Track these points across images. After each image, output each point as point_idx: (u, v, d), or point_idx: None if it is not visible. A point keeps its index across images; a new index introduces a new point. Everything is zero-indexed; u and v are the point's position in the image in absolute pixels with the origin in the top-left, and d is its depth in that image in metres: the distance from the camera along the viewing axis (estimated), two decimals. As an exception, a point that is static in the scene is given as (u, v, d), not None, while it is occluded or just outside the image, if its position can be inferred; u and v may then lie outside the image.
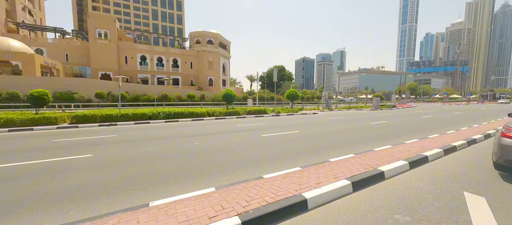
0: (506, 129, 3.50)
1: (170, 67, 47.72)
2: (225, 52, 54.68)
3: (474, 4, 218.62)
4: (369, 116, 16.50)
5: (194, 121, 14.00)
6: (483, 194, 2.93)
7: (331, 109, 25.24)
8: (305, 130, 9.42)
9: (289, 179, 3.28)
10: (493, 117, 14.77)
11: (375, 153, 4.71)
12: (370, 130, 9.45)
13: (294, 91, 21.48)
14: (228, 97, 17.50)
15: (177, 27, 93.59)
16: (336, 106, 30.11)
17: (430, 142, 5.85)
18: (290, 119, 14.97)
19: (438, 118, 15.11)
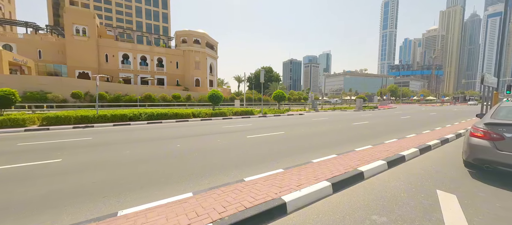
0: (474, 129, 3.67)
1: (154, 67, 46.15)
2: (212, 52, 53.97)
3: (447, 13, 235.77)
4: (353, 117, 17.03)
5: (179, 122, 13.57)
6: (454, 192, 3.06)
7: (317, 110, 25.76)
8: (291, 131, 9.47)
9: (270, 181, 3.21)
10: (463, 118, 15.89)
11: (356, 153, 4.80)
12: (353, 130, 9.72)
13: (281, 92, 21.65)
14: (214, 98, 17.19)
15: (162, 25, 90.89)
16: (321, 107, 30.83)
17: (407, 142, 6.10)
18: (277, 120, 15.02)
19: (415, 118, 15.95)
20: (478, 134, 3.52)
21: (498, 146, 3.27)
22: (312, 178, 3.26)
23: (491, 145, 3.32)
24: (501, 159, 3.18)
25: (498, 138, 3.29)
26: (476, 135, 3.55)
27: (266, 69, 66.77)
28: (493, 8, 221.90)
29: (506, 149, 3.20)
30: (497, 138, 3.30)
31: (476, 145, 3.47)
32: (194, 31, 48.63)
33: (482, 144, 3.41)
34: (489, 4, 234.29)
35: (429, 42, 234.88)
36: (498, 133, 3.31)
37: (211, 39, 53.56)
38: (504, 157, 3.16)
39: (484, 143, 3.40)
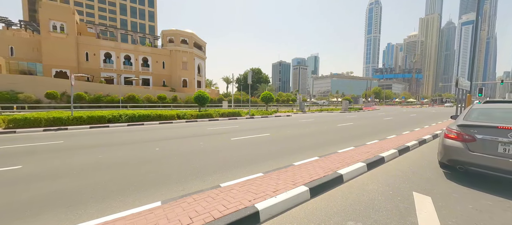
0: (448, 131, 3.73)
1: (139, 67, 44.53)
2: (200, 53, 53.14)
3: (426, 20, 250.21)
4: (338, 118, 17.35)
5: (162, 124, 13.05)
6: (429, 194, 3.07)
7: (304, 112, 26.05)
8: (276, 133, 9.39)
9: (247, 187, 3.05)
10: (440, 119, 16.73)
11: (338, 156, 4.78)
12: (338, 132, 9.83)
13: (269, 94, 21.65)
14: (200, 99, 16.79)
15: (148, 24, 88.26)
16: (309, 108, 31.26)
17: (388, 143, 6.22)
18: (264, 121, 14.93)
19: (397, 120, 16.55)
20: (452, 136, 3.59)
21: (470, 147, 3.33)
22: (290, 182, 3.14)
23: (463, 146, 3.38)
24: (473, 160, 3.24)
25: (470, 139, 3.35)
26: (450, 136, 3.62)
27: (255, 71, 66.88)
28: (466, 16, 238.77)
29: (477, 150, 3.25)
30: (469, 139, 3.36)
31: (449, 146, 3.54)
32: (182, 30, 47.62)
33: (455, 146, 3.47)
34: (463, 13, 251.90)
35: (410, 47, 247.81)
36: (470, 134, 3.38)
37: (199, 39, 52.74)
38: (475, 158, 3.22)
39: (457, 144, 3.46)
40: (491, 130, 3.21)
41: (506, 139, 3.04)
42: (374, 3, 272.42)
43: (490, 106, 4.10)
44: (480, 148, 3.24)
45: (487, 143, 3.19)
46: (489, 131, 3.22)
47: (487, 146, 3.18)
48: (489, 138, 3.17)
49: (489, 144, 3.17)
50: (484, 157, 3.15)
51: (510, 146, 3.01)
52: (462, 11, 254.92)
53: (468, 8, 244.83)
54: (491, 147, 3.15)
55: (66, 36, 37.27)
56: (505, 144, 3.05)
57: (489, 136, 3.18)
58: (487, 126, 3.27)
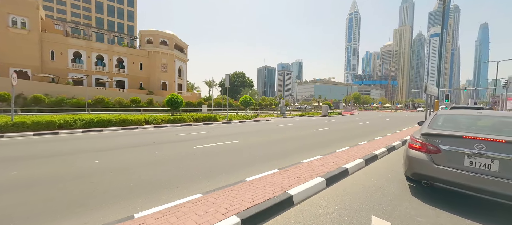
0: (412, 140, 3.28)
1: (113, 67, 41.71)
2: (181, 55, 51.42)
3: (399, 31, 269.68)
4: (316, 123, 17.23)
5: (125, 130, 11.79)
6: (390, 217, 2.60)
7: (285, 116, 25.84)
8: (246, 140, 8.75)
9: (167, 217, 2.34)
10: (412, 123, 17.30)
11: (300, 168, 4.24)
12: (311, 138, 9.44)
13: (248, 98, 21.07)
14: (173, 103, 15.68)
15: (127, 24, 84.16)
16: (290, 113, 31.21)
17: (357, 151, 5.86)
18: (239, 126, 14.24)
19: (372, 124, 16.82)
20: (415, 146, 3.16)
21: (435, 159, 2.89)
22: (223, 209, 2.48)
23: (428, 158, 2.95)
24: (438, 174, 2.81)
25: (435, 150, 2.93)
26: (414, 146, 3.18)
27: (239, 75, 66.34)
28: (433, 29, 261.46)
29: (442, 163, 2.82)
30: (433, 150, 2.94)
31: (413, 158, 3.11)
32: (161, 31, 45.72)
33: (419, 157, 3.03)
34: (431, 26, 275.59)
35: (386, 55, 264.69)
36: (434, 145, 2.95)
37: (180, 41, 51.09)
38: (440, 172, 2.79)
39: (421, 156, 3.02)
40: (456, 140, 2.81)
41: (472, 151, 2.64)
42: (353, 14, 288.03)
43: (456, 112, 3.73)
44: (446, 161, 2.81)
45: (453, 155, 2.77)
46: (454, 141, 2.82)
47: (453, 158, 2.77)
48: (455, 149, 2.77)
49: (454, 156, 2.76)
50: (449, 172, 2.73)
51: (476, 159, 2.60)
52: (430, 24, 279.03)
53: (435, 21, 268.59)
54: (457, 160, 2.74)
55: (27, 32, 33.79)
56: (472, 156, 2.64)
57: (455, 147, 2.78)
58: (452, 135, 2.87)
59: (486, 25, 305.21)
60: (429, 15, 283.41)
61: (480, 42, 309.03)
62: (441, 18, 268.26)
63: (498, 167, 2.47)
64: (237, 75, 66.43)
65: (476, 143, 2.63)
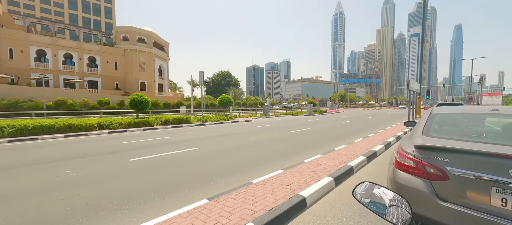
0: (400, 155, 1.98)
1: (84, 67, 38.42)
2: (162, 54, 48.77)
3: (382, 31, 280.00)
4: (298, 123, 16.18)
5: (69, 137, 9.93)
6: None
7: (268, 116, 24.71)
8: (207, 146, 7.37)
9: None
10: (395, 121, 16.78)
11: (248, 191, 2.96)
12: (284, 141, 8.25)
13: (227, 97, 19.62)
14: (137, 104, 13.89)
15: (104, 21, 79.31)
16: (274, 112, 30.14)
17: (330, 160, 4.70)
18: (211, 129, 12.81)
19: (355, 123, 16.08)
20: (406, 166, 1.86)
21: (439, 191, 1.64)
22: None
23: (427, 188, 1.69)
24: (444, 218, 1.57)
25: (439, 176, 1.66)
26: (404, 166, 1.88)
27: (224, 74, 64.51)
28: (413, 29, 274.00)
29: (453, 198, 1.58)
30: (436, 175, 1.67)
31: (403, 186, 1.81)
32: (138, 28, 42.90)
33: (412, 186, 1.76)
34: (410, 26, 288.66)
35: (370, 54, 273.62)
36: (437, 166, 1.68)
37: (160, 38, 48.42)
38: (449, 215, 1.55)
39: (416, 184, 1.75)
40: (474, 158, 1.55)
41: (506, 180, 1.39)
42: (338, 14, 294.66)
43: (458, 109, 2.59)
44: (457, 196, 1.57)
45: (470, 186, 1.52)
46: (470, 160, 1.56)
47: (471, 192, 1.52)
48: (473, 175, 1.51)
49: (474, 187, 1.51)
50: (465, 215, 1.49)
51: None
52: (410, 24, 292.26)
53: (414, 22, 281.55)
54: (478, 195, 1.49)
55: (-21, 27, 29.95)
56: (506, 190, 1.39)
57: (473, 171, 1.52)
58: (466, 150, 1.60)
59: (460, 26, 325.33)
60: (409, 16, 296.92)
61: (454, 42, 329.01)
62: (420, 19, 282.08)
63: None
64: (222, 74, 64.52)
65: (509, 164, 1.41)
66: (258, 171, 4.47)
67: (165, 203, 3.04)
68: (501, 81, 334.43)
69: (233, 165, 5.04)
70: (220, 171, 4.57)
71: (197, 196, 3.20)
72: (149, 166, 5.01)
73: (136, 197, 3.26)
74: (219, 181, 3.96)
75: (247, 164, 5.09)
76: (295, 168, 4.20)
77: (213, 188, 3.59)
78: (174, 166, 5.00)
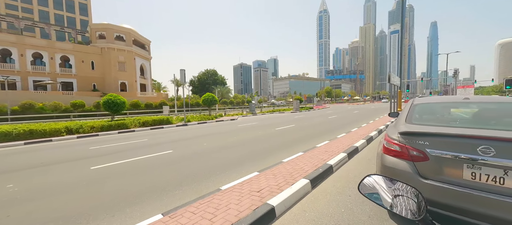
0: (387, 141, 2.24)
1: (56, 67, 35.70)
2: (143, 52, 46.62)
3: (364, 29, 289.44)
4: (284, 120, 15.98)
5: (30, 144, 8.91)
6: None
7: (255, 114, 24.36)
8: (184, 148, 6.86)
9: None
10: (377, 115, 17.11)
11: (213, 201, 2.56)
12: (267, 140, 7.92)
13: (211, 96, 18.95)
14: (111, 105, 12.89)
15: (80, 18, 74.33)
16: (261, 110, 29.84)
17: (309, 159, 4.43)
18: (193, 130, 12.21)
19: (340, 118, 16.19)
20: (392, 150, 2.13)
21: (421, 170, 1.91)
22: None
23: (411, 169, 1.95)
24: (425, 193, 1.74)
25: (420, 157, 1.92)
26: (390, 151, 2.15)
27: (210, 72, 63.11)
28: (393, 26, 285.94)
29: (432, 176, 1.84)
30: (418, 157, 1.94)
31: (391, 169, 2.08)
32: (116, 25, 40.57)
33: (399, 168, 2.02)
34: (391, 23, 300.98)
35: (354, 51, 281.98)
36: (418, 148, 1.95)
37: (141, 36, 46.23)
38: (430, 191, 1.78)
39: (401, 166, 2.01)
40: (450, 141, 1.82)
41: (476, 157, 1.67)
42: (323, 12, 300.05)
43: (437, 100, 2.83)
44: (436, 173, 1.84)
45: (446, 164, 1.81)
46: (446, 142, 1.83)
47: (447, 169, 1.81)
48: (449, 154, 1.79)
49: (449, 166, 1.80)
50: (442, 189, 1.75)
51: (482, 170, 1.66)
52: (390, 22, 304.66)
53: (394, 19, 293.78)
54: (453, 172, 1.78)
55: None
56: (475, 165, 1.68)
57: (449, 151, 1.79)
58: (443, 134, 1.87)
59: (435, 23, 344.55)
60: (389, 13, 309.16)
61: (431, 38, 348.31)
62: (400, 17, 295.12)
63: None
64: (208, 72, 63.04)
65: (481, 145, 1.68)
66: (232, 174, 4.07)
67: (113, 223, 2.55)
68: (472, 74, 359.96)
69: (206, 168, 4.60)
70: (190, 176, 4.12)
71: (153, 210, 2.74)
72: (110, 175, 4.44)
73: (78, 217, 2.73)
74: (187, 188, 3.52)
75: (222, 167, 4.67)
76: (271, 169, 3.85)
77: (176, 198, 3.15)
78: (139, 173, 4.47)
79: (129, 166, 5.06)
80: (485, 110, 2.45)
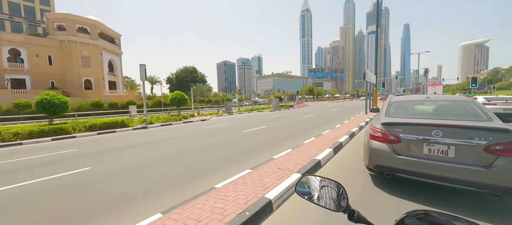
0: (372, 130, 3.06)
1: (4, 62, 31.01)
2: (112, 47, 42.69)
3: (344, 29, 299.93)
4: (258, 120, 14.87)
5: None
6: None
7: (231, 113, 23.00)
8: (112, 163, 5.37)
9: None
10: (353, 114, 16.69)
11: None
12: (223, 148, 6.67)
13: (180, 95, 17.16)
14: (47, 107, 10.69)
15: (39, 8, 66.34)
16: (239, 109, 28.52)
17: (256, 179, 3.30)
18: (150, 134, 10.57)
19: (316, 116, 15.50)
20: (377, 136, 2.95)
21: (396, 149, 2.76)
22: None
23: (389, 149, 2.80)
24: (400, 165, 2.68)
25: (395, 140, 2.78)
26: (375, 137, 2.98)
27: (189, 69, 60.13)
28: (371, 27, 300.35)
29: (404, 152, 2.71)
30: (394, 140, 2.79)
31: (375, 149, 2.91)
32: (78, 16, 36.39)
33: (381, 149, 2.85)
34: (369, 24, 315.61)
35: (335, 50, 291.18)
36: (394, 134, 2.80)
37: (109, 29, 42.26)
38: (402, 163, 2.66)
39: (383, 147, 2.85)
40: (415, 128, 2.70)
41: (430, 138, 2.55)
42: (305, 11, 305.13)
43: (406, 98, 3.62)
44: (406, 150, 2.70)
45: (413, 144, 2.67)
46: (412, 129, 2.71)
47: (413, 147, 2.67)
48: (414, 137, 2.66)
49: (414, 144, 2.66)
50: (410, 161, 2.62)
51: (435, 146, 2.53)
52: (368, 23, 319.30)
53: (372, 20, 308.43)
54: (416, 148, 2.64)
55: None
56: (430, 143, 2.56)
57: (414, 135, 2.67)
58: (411, 123, 2.76)
59: (408, 25, 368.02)
60: (367, 15, 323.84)
61: (404, 40, 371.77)
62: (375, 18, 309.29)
63: (454, 152, 2.45)
64: (187, 69, 60.00)
65: (433, 130, 2.56)
66: (137, 208, 2.75)
67: None
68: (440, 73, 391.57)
69: (106, 200, 3.21)
70: (82, 212, 2.72)
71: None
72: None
73: None
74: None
75: (130, 196, 3.32)
76: (191, 204, 2.60)
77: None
78: (39, 202, 2.95)
79: (25, 193, 3.48)
80: (440, 106, 3.29)
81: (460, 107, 3.07)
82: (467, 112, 2.87)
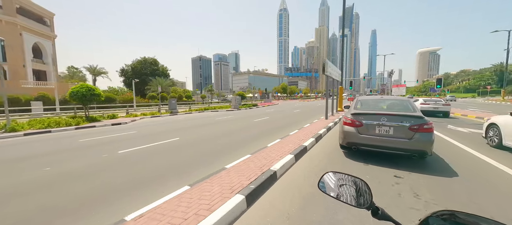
0: (345, 119, 4.64)
1: None
2: (39, 27, 34.38)
3: (319, 30, 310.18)
4: (201, 122, 10.98)
5: None
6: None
7: (175, 113, 18.65)
8: None
9: None
10: (317, 116, 13.85)
11: None
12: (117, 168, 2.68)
13: (85, 89, 12.25)
14: None
15: None
16: (189, 107, 24.16)
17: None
18: None
19: (272, 120, 12.31)
20: (348, 122, 4.50)
21: (359, 130, 4.33)
22: None
23: (355, 130, 4.36)
24: (362, 140, 4.28)
25: (359, 124, 4.35)
26: (346, 123, 4.53)
27: (149, 61, 52.94)
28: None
29: (364, 132, 4.29)
30: (358, 125, 4.36)
31: (347, 131, 4.46)
32: (-18, -18, 27.71)
33: (350, 130, 4.41)
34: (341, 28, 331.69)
35: (310, 51, 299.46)
36: (359, 120, 4.37)
37: (35, 5, 33.95)
38: (363, 139, 4.27)
39: (351, 129, 4.40)
40: (371, 116, 4.31)
41: (379, 122, 4.17)
42: (283, 10, 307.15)
43: (367, 97, 5.52)
44: (365, 131, 4.28)
45: (369, 126, 4.26)
46: (370, 117, 4.32)
47: (369, 129, 4.26)
48: (370, 122, 4.26)
49: (370, 127, 4.25)
50: (368, 138, 4.22)
51: (382, 127, 4.15)
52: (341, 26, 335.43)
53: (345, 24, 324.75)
54: (372, 129, 4.24)
55: None
56: (380, 126, 4.17)
57: (370, 121, 4.27)
58: (369, 113, 4.40)
59: (375, 31, 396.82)
60: (339, 18, 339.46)
61: (371, 44, 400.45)
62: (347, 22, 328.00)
63: (393, 131, 4.09)
64: (145, 61, 52.67)
65: (381, 117, 4.19)
66: None
67: None
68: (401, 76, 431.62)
69: None
70: None
71: None
72: None
73: None
74: None
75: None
76: None
77: None
78: None
79: None
80: (388, 103, 5.11)
81: (400, 103, 4.90)
82: (403, 107, 4.66)
